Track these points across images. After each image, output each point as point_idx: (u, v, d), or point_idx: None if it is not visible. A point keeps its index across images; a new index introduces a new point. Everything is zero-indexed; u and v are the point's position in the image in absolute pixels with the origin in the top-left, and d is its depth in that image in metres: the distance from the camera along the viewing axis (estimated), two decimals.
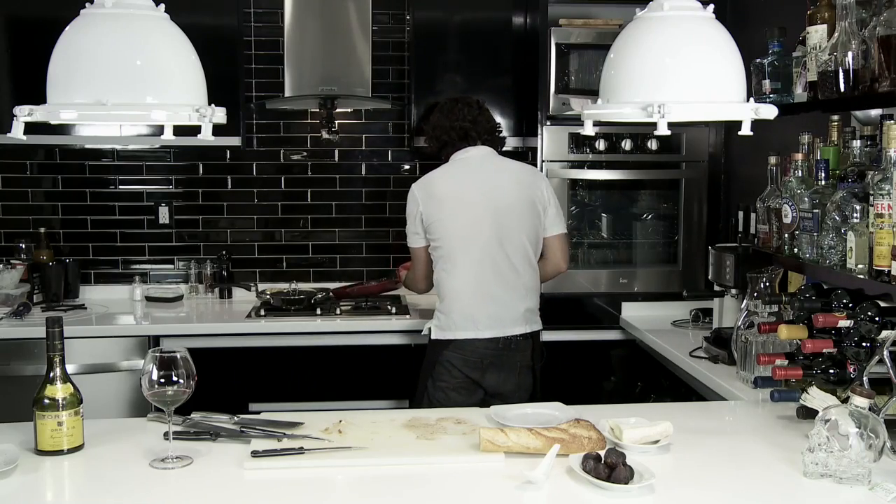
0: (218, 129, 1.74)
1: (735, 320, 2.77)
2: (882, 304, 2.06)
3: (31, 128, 1.71)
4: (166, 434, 1.90)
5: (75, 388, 1.93)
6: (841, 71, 2.22)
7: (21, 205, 4.05)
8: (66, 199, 4.07)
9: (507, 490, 1.74)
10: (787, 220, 2.44)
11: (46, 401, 1.89)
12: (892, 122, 2.05)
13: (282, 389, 3.51)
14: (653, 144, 3.62)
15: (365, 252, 4.22)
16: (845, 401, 1.86)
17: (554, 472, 1.78)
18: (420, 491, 1.77)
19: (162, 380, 1.84)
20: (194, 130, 1.70)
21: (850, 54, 2.20)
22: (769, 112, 1.85)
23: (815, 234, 2.32)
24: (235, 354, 3.51)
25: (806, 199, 2.38)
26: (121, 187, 4.09)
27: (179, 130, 1.69)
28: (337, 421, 2.08)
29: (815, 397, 1.98)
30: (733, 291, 2.96)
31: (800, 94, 2.50)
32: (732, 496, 1.74)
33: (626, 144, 3.61)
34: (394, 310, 3.72)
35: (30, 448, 1.91)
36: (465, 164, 3.07)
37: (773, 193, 2.58)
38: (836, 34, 2.24)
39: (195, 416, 2.11)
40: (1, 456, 1.80)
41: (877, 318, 2.03)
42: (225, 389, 3.22)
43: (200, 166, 4.12)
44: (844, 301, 2.17)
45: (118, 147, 4.04)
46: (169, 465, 1.85)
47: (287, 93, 3.83)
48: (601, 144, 3.60)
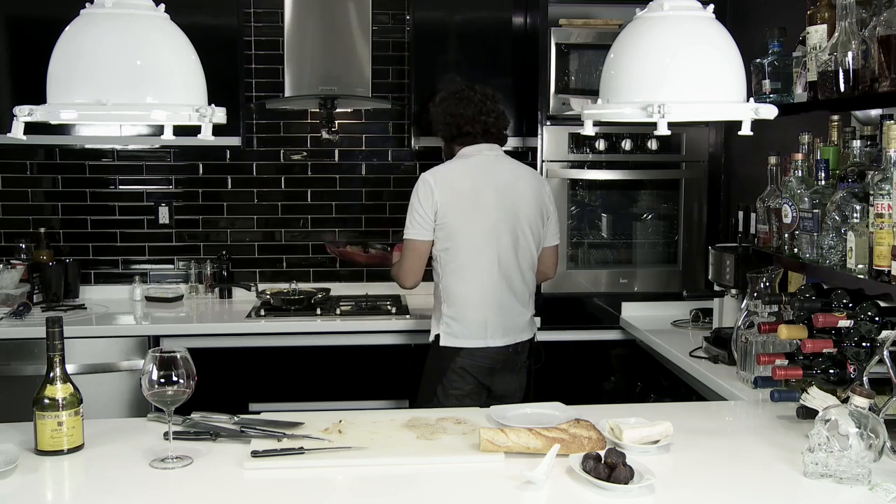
0: (218, 129, 1.74)
1: (735, 320, 2.77)
2: (882, 304, 2.06)
3: (31, 128, 1.71)
4: (166, 434, 1.90)
5: (75, 388, 1.93)
6: (841, 71, 2.22)
7: (21, 205, 4.05)
8: (66, 199, 4.07)
9: (507, 490, 1.74)
10: (787, 220, 2.44)
11: (46, 401, 1.89)
12: (892, 122, 2.05)
13: (282, 389, 3.51)
14: (653, 144, 3.62)
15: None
16: (845, 401, 1.86)
17: (554, 472, 1.78)
18: (420, 491, 1.77)
19: (162, 380, 1.84)
20: (194, 130, 1.70)
21: (850, 54, 2.20)
22: (769, 112, 1.85)
23: (815, 234, 2.32)
24: (235, 354, 3.51)
25: (806, 199, 2.38)
26: (121, 187, 4.09)
27: (179, 130, 1.69)
28: (337, 421, 2.08)
29: (815, 397, 1.98)
30: (733, 291, 2.96)
31: (800, 94, 2.50)
32: (732, 496, 1.74)
33: (626, 144, 3.61)
34: (394, 310, 3.72)
35: (30, 448, 1.91)
36: (481, 162, 2.93)
37: (773, 193, 2.58)
38: (836, 34, 2.24)
39: (195, 416, 2.11)
40: (1, 456, 1.80)
41: (877, 318, 2.03)
42: (225, 389, 3.22)
43: (200, 166, 4.12)
44: (844, 301, 2.17)
45: (118, 147, 4.04)
46: (169, 465, 1.84)
47: (287, 93, 3.83)
48: (601, 144, 3.60)
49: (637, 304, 3.66)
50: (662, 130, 1.75)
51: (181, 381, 1.85)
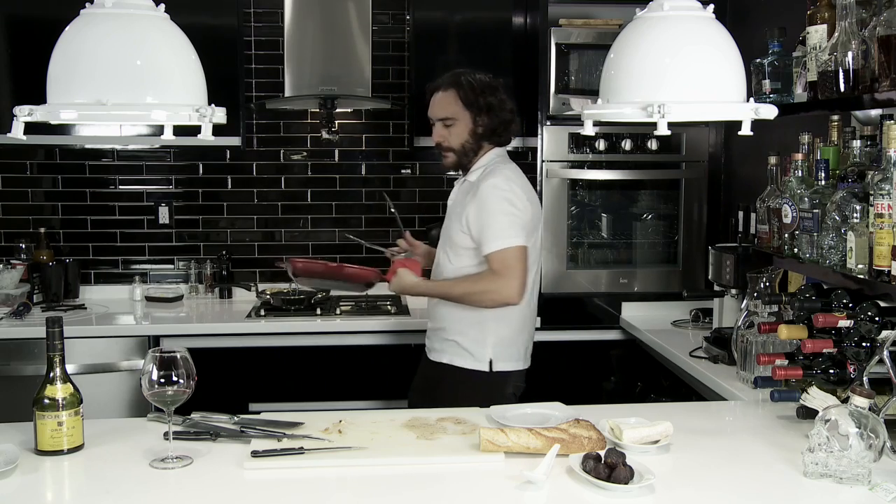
0: (218, 129, 1.74)
1: (735, 320, 2.77)
2: (882, 304, 2.06)
3: (31, 128, 1.71)
4: (166, 434, 1.90)
5: (75, 388, 1.93)
6: (841, 71, 2.22)
7: (21, 205, 4.05)
8: (66, 199, 4.07)
9: (507, 490, 1.74)
10: (787, 220, 2.44)
11: (46, 401, 1.89)
12: (892, 122, 2.05)
13: (282, 389, 3.51)
14: (653, 144, 3.63)
15: (365, 252, 4.22)
16: (845, 401, 1.86)
17: (554, 472, 1.78)
18: (420, 491, 1.77)
19: (162, 380, 1.84)
20: (194, 130, 1.70)
21: (850, 54, 2.20)
22: (769, 112, 1.85)
23: (815, 234, 2.32)
24: (235, 354, 3.51)
25: (806, 199, 2.38)
26: (121, 187, 4.09)
27: (179, 130, 1.69)
28: (337, 421, 2.07)
29: (815, 397, 1.98)
30: (733, 291, 2.97)
31: (800, 94, 2.50)
32: (732, 496, 1.74)
33: (626, 144, 3.61)
34: (394, 310, 3.72)
35: (30, 448, 1.91)
36: (518, 170, 2.72)
37: (773, 193, 2.58)
38: (836, 34, 2.24)
39: (195, 416, 2.11)
40: (1, 456, 1.80)
41: (877, 318, 2.03)
42: (225, 389, 3.22)
43: (200, 166, 4.12)
44: (844, 301, 2.17)
45: (118, 147, 4.04)
46: (169, 465, 1.84)
47: (287, 93, 3.83)
48: (601, 144, 3.60)
49: (637, 304, 3.66)
50: (662, 130, 1.75)
51: (181, 381, 1.85)
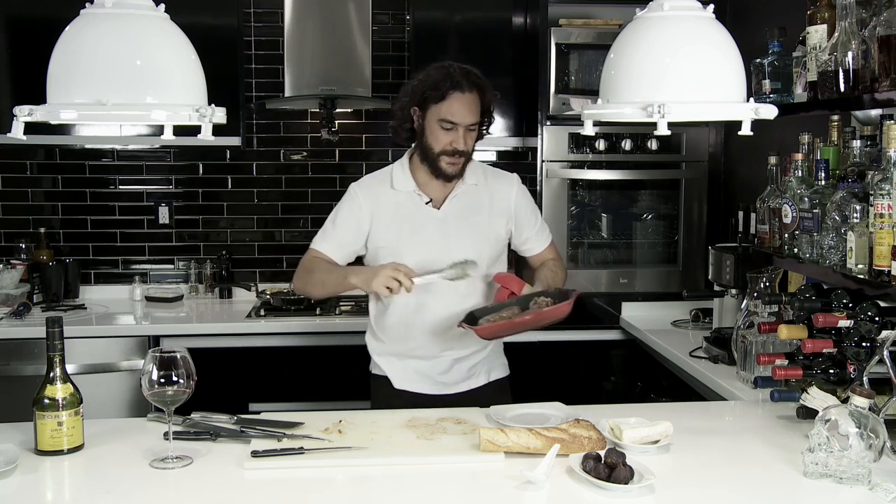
0: (218, 129, 1.73)
1: (735, 320, 2.77)
2: (882, 304, 2.06)
3: (31, 128, 1.71)
4: (166, 434, 1.90)
5: (75, 388, 1.93)
6: (841, 71, 2.22)
7: (21, 205, 4.06)
8: (66, 199, 4.07)
9: (507, 490, 1.74)
10: (787, 220, 2.44)
11: (46, 401, 1.89)
12: (892, 122, 2.05)
13: (282, 389, 3.51)
14: (653, 144, 3.63)
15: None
16: (845, 401, 1.86)
17: (554, 472, 1.78)
18: (420, 491, 1.77)
19: (162, 380, 1.84)
20: (194, 130, 1.70)
21: (850, 54, 2.20)
22: (769, 112, 1.85)
23: (815, 234, 2.32)
24: (235, 354, 3.51)
25: (806, 199, 2.38)
26: (121, 187, 4.09)
27: (179, 130, 1.69)
28: (337, 421, 2.08)
29: (815, 397, 1.98)
30: (733, 291, 2.97)
31: (800, 94, 2.50)
32: (732, 496, 1.74)
33: (626, 144, 3.61)
34: None
35: (30, 448, 1.91)
36: None
37: (773, 193, 2.58)
38: (836, 34, 2.24)
39: (195, 416, 2.11)
40: (1, 456, 1.80)
41: (877, 318, 2.03)
42: (225, 389, 3.22)
43: (200, 166, 4.12)
44: (844, 301, 2.17)
45: (118, 147, 4.04)
46: (169, 465, 1.84)
47: (287, 93, 3.83)
48: (601, 144, 3.60)
49: (637, 304, 3.66)
50: (662, 130, 1.75)
51: (181, 381, 1.85)
